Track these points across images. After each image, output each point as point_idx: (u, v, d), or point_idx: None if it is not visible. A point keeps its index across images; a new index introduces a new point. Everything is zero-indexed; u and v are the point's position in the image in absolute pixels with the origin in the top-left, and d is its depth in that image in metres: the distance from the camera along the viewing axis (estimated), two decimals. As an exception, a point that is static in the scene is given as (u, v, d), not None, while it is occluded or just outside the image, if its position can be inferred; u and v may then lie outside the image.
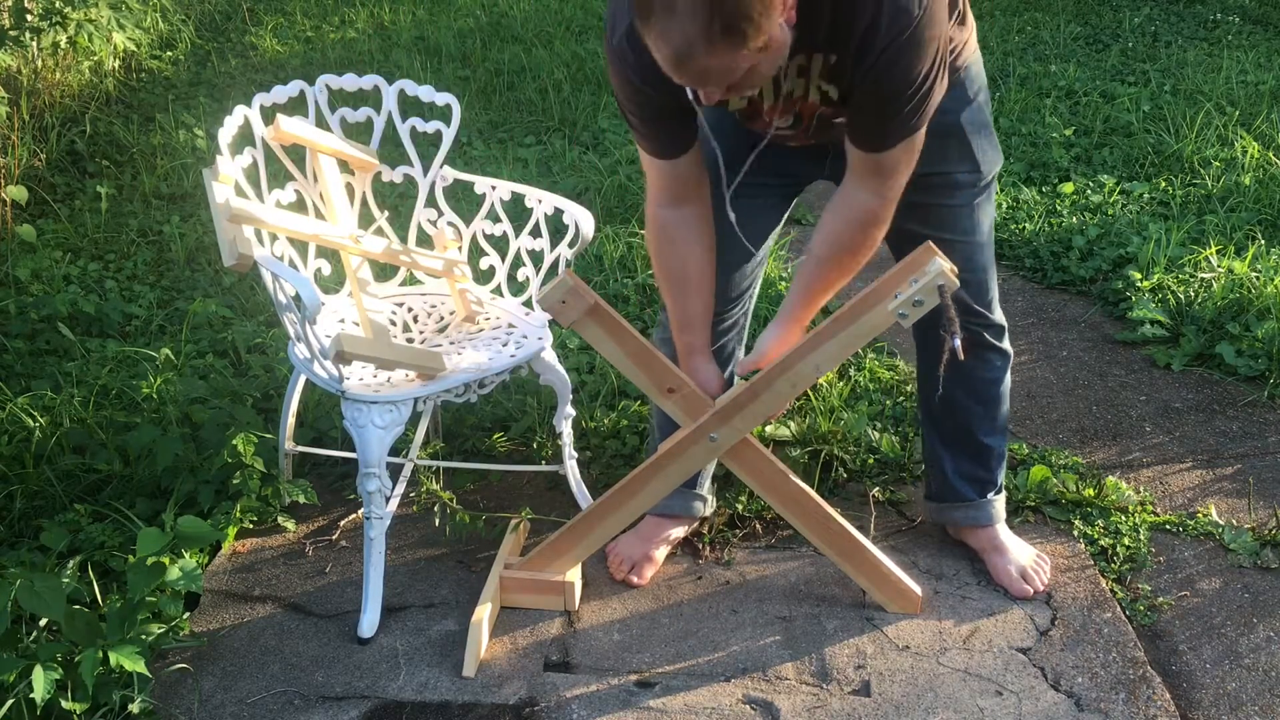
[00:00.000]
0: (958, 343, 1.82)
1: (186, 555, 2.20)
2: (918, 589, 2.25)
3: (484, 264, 2.55)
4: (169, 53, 5.90)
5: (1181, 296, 3.42)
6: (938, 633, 2.21)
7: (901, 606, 2.25)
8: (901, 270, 1.97)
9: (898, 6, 1.69)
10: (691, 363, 2.12)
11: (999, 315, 2.29)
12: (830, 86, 1.83)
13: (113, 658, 1.93)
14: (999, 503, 2.39)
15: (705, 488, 2.44)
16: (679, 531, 2.45)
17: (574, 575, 2.26)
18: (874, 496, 2.60)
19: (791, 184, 2.20)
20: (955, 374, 2.26)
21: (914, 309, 1.88)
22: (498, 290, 2.54)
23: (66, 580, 2.11)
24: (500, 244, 2.49)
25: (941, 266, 1.85)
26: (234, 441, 2.44)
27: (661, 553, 2.40)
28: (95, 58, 5.29)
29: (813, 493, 2.17)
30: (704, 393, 2.09)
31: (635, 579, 2.35)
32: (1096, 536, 2.50)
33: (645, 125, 1.92)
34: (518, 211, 2.52)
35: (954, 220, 2.13)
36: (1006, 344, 2.31)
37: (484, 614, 2.15)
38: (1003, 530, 2.39)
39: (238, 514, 2.44)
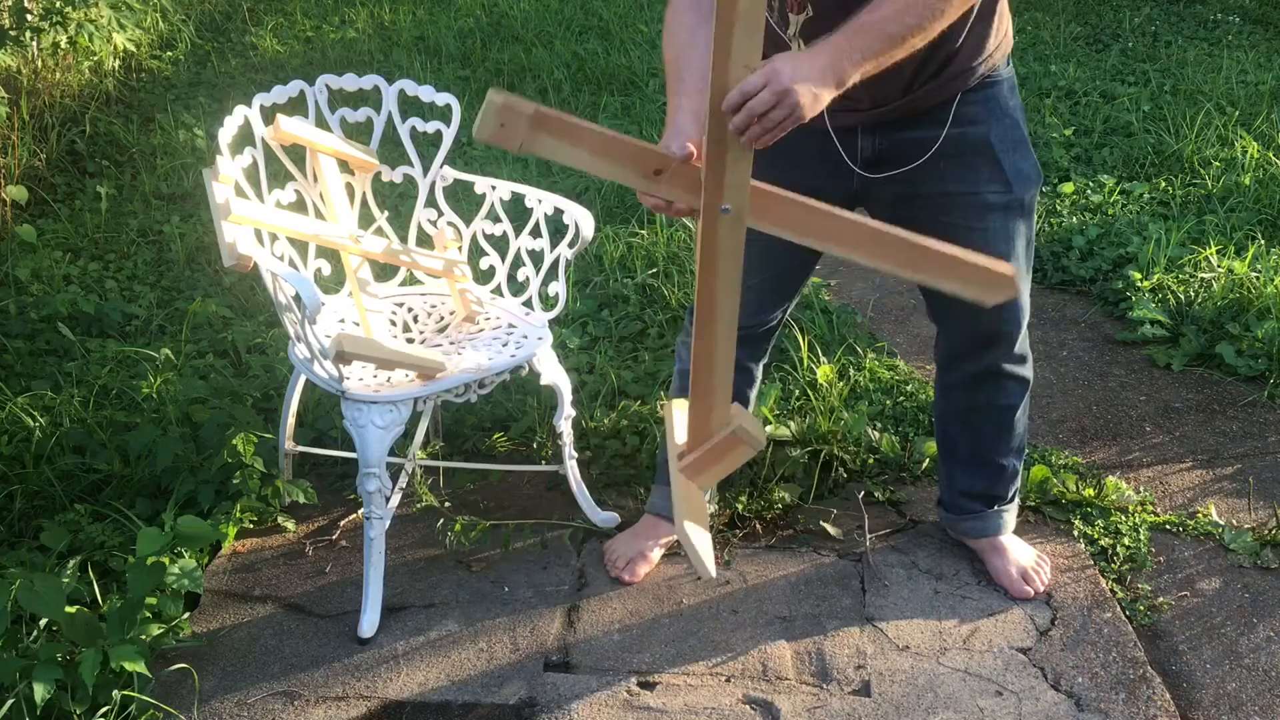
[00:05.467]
0: None
1: (186, 555, 2.20)
2: (1006, 266, 1.81)
3: (484, 264, 2.55)
4: (169, 53, 5.89)
5: (1181, 296, 3.42)
6: (938, 633, 2.21)
7: (1001, 291, 1.80)
8: None
9: None
10: (673, 118, 1.85)
11: (1025, 344, 2.23)
12: None
13: (113, 658, 1.93)
14: (1008, 513, 2.38)
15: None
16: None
17: (737, 420, 1.85)
18: (874, 496, 2.60)
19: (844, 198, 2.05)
20: (971, 400, 2.28)
21: None
22: (498, 290, 2.54)
23: (66, 580, 2.11)
24: (500, 244, 2.49)
25: None
26: (234, 441, 2.44)
27: (657, 552, 2.40)
28: (95, 58, 5.28)
29: (850, 214, 1.80)
30: (667, 151, 1.73)
31: (628, 576, 2.36)
32: (1096, 536, 2.50)
33: None
34: (518, 211, 2.52)
35: (985, 243, 2.00)
36: (1028, 370, 2.27)
37: (694, 513, 1.83)
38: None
39: (238, 514, 2.44)
